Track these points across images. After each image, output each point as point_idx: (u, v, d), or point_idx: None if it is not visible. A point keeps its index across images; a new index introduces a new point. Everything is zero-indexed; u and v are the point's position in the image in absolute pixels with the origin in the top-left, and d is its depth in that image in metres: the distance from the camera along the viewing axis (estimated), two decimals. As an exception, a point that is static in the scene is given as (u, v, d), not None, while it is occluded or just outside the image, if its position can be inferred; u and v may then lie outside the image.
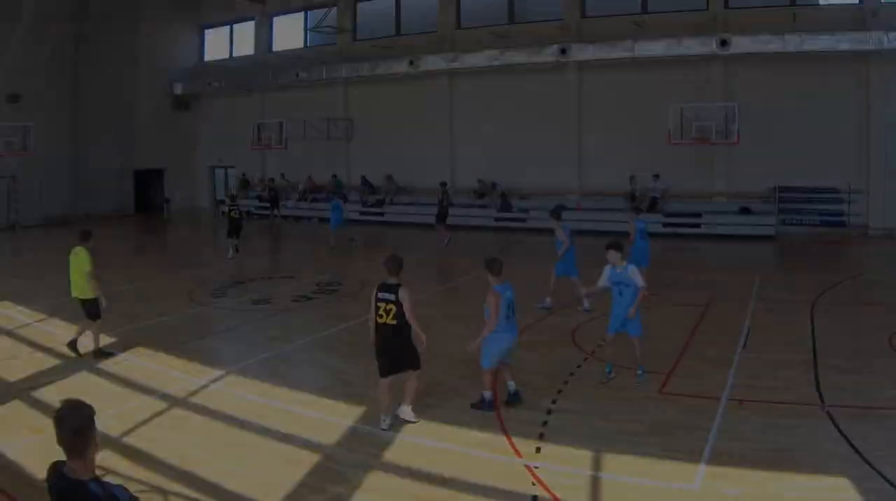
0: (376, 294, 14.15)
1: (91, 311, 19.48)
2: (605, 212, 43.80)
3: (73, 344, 19.37)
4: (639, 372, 16.58)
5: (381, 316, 14.00)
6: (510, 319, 14.68)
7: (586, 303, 23.47)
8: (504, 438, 13.78)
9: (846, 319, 22.67)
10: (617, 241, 16.59)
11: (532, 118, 47.64)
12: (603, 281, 16.67)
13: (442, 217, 40.74)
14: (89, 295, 19.33)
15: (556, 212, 25.28)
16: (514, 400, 15.23)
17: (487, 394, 14.87)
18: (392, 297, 13.87)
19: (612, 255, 16.41)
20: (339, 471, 12.57)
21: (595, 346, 19.29)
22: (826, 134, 40.75)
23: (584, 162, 46.95)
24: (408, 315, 13.85)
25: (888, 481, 11.42)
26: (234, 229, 36.64)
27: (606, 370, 16.76)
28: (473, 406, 14.87)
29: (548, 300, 24.05)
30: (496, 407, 14.90)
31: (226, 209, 39.73)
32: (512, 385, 15.18)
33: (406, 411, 14.34)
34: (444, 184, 43.89)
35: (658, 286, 25.76)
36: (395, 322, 13.86)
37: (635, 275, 16.28)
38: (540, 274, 24.91)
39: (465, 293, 28.35)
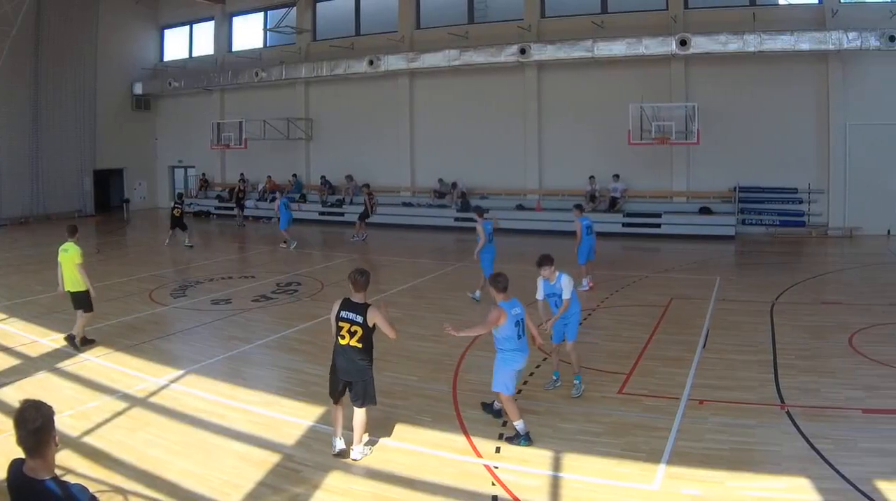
0: (339, 312, 12.78)
1: (84, 303, 19.66)
2: (565, 212, 40.07)
3: (71, 339, 19.60)
4: (576, 381, 15.77)
5: (342, 337, 12.71)
6: (521, 339, 13.55)
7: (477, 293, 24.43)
8: (464, 438, 13.64)
9: (806, 319, 22.28)
10: (545, 257, 15.80)
11: (492, 118, 47.51)
12: (539, 294, 16.05)
13: (363, 216, 40.71)
14: (82, 287, 19.56)
15: (478, 210, 25.85)
16: (494, 413, 14.60)
17: (520, 425, 13.40)
18: (359, 319, 12.56)
19: (545, 270, 15.80)
20: (298, 471, 12.41)
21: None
22: (786, 134, 40.81)
23: (544, 161, 46.59)
24: (390, 333, 12.82)
25: (847, 480, 11.39)
26: (177, 225, 38.62)
27: (554, 376, 16.30)
28: (509, 439, 13.44)
29: (478, 292, 24.56)
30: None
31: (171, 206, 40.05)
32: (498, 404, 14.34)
33: (358, 451, 12.85)
34: (367, 186, 43.00)
35: (618, 286, 26.55)
36: (359, 344, 12.62)
37: (566, 287, 15.71)
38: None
39: (425, 293, 27.61)
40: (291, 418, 14.76)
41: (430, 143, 50.13)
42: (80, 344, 19.51)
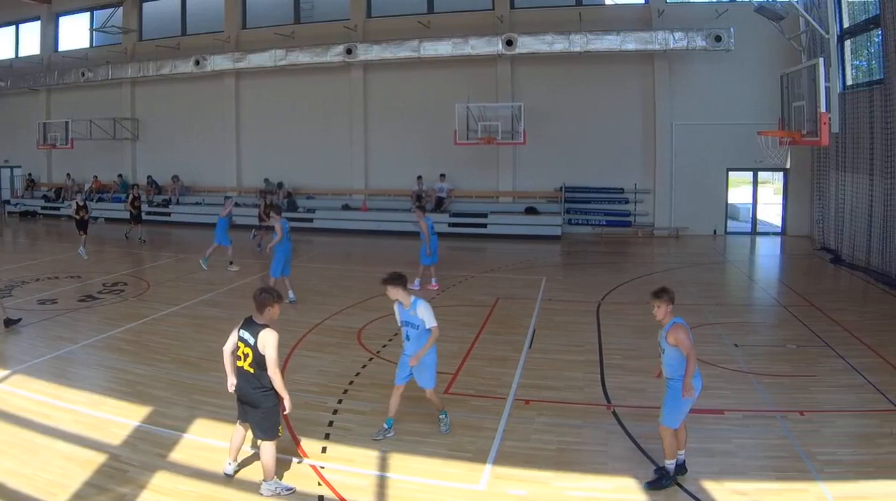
0: (238, 330, 11.17)
1: None
2: (391, 212, 42.45)
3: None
4: (441, 416, 13.31)
5: (239, 359, 11.09)
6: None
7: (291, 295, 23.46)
8: (290, 438, 12.87)
9: (632, 319, 21.55)
10: (394, 275, 12.79)
11: (319, 118, 45.74)
12: (398, 320, 13.08)
13: (134, 216, 38.72)
14: None
15: (277, 208, 25.43)
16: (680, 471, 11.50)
17: (671, 464, 11.22)
18: (251, 340, 10.82)
19: (392, 291, 12.66)
20: (125, 471, 11.67)
21: (381, 347, 18.46)
22: (613, 134, 40.21)
23: (370, 161, 44.98)
24: (270, 369, 10.74)
25: (674, 480, 11.13)
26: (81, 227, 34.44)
27: (386, 425, 13.07)
28: (651, 484, 11.09)
29: (291, 294, 23.62)
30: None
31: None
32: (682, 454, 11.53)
33: (265, 488, 11.00)
34: (135, 186, 40.80)
35: (445, 286, 25.85)
36: (251, 370, 10.90)
37: (424, 314, 12.53)
38: (323, 272, 25.85)
39: (249, 293, 25.63)
40: (117, 418, 13.83)
41: (257, 143, 48.01)
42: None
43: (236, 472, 11.55)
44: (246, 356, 10.93)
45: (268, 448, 11.01)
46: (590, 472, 11.66)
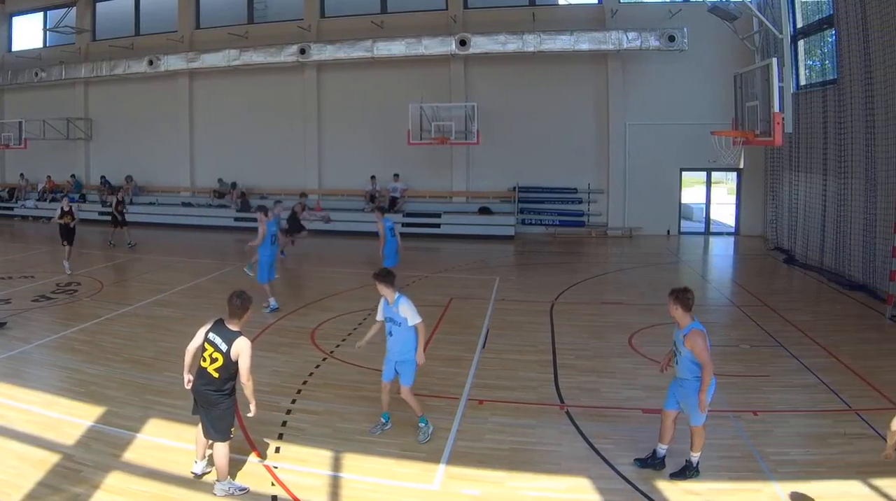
0: (207, 332, 10.89)
1: None
2: (345, 211, 41.78)
3: None
4: (421, 424, 13.10)
5: (203, 360, 10.79)
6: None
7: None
8: (243, 438, 12.81)
9: (586, 319, 21.83)
10: (382, 272, 13.51)
11: (273, 118, 45.00)
12: (378, 315, 13.46)
13: (119, 220, 37.18)
14: None
15: (263, 209, 23.75)
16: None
17: (695, 456, 11.41)
18: (224, 347, 10.63)
19: (379, 288, 13.20)
20: (78, 471, 11.52)
21: (334, 347, 18.44)
22: (567, 134, 39.96)
23: (324, 161, 44.43)
24: (244, 377, 10.70)
25: (627, 480, 11.30)
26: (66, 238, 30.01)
27: (382, 419, 13.37)
28: (674, 475, 11.44)
29: (273, 301, 22.38)
30: None
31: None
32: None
33: (219, 488, 10.96)
34: (120, 189, 40.63)
35: (398, 285, 23.75)
36: (216, 375, 10.70)
37: (407, 312, 12.89)
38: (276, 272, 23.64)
39: (205, 293, 25.79)
40: (71, 418, 13.66)
41: (211, 143, 47.18)
42: None
43: (205, 473, 11.37)
44: (214, 360, 10.70)
45: (221, 449, 10.91)
46: (543, 472, 11.65)
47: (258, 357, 16.07)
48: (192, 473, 11.37)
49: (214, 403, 10.80)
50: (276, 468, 11.79)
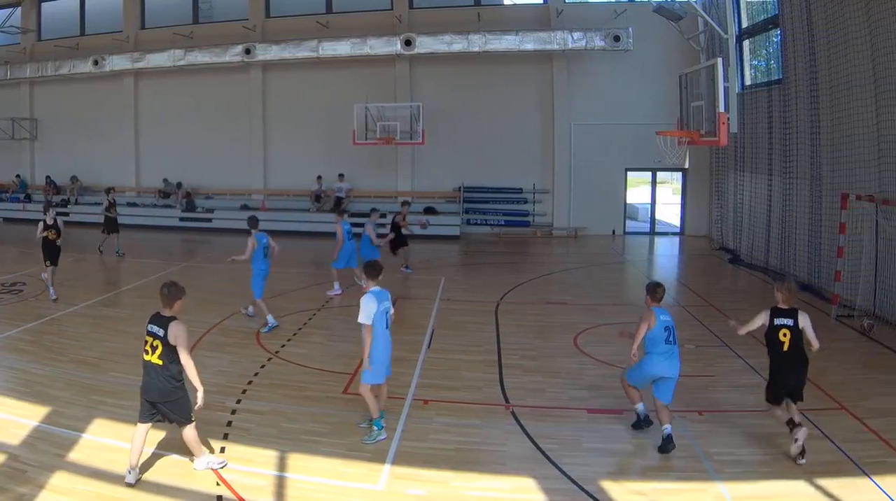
0: (147, 325, 11.27)
1: None
2: (290, 211, 41.57)
3: None
4: (373, 424, 13.07)
5: (146, 352, 11.16)
6: (670, 344, 12.37)
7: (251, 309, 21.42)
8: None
9: (531, 319, 21.74)
10: (371, 263, 13.46)
11: (218, 118, 43.96)
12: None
13: (110, 226, 35.54)
14: None
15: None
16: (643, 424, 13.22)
17: (640, 408, 13.02)
18: (161, 332, 10.97)
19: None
20: (23, 471, 11.36)
21: (279, 347, 18.29)
22: (512, 134, 39.69)
23: (269, 161, 43.66)
24: (183, 358, 11.04)
25: (572, 480, 11.23)
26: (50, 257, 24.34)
27: (376, 427, 12.89)
28: (634, 426, 13.08)
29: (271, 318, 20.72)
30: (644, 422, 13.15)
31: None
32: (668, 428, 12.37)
33: (200, 462, 11.51)
34: (111, 190, 39.26)
35: (344, 285, 25.09)
36: (160, 362, 11.03)
37: (361, 309, 12.82)
38: (222, 272, 25.42)
39: (151, 293, 24.93)
40: (16, 418, 13.47)
41: (156, 143, 46.03)
42: None
43: (138, 480, 11.15)
44: (155, 348, 11.01)
45: (189, 432, 11.30)
46: (488, 472, 11.63)
47: (204, 357, 16.35)
48: (127, 483, 11.13)
49: (169, 392, 11.07)
50: (221, 467, 11.59)
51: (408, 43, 38.16)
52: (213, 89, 44.17)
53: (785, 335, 12.03)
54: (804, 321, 11.97)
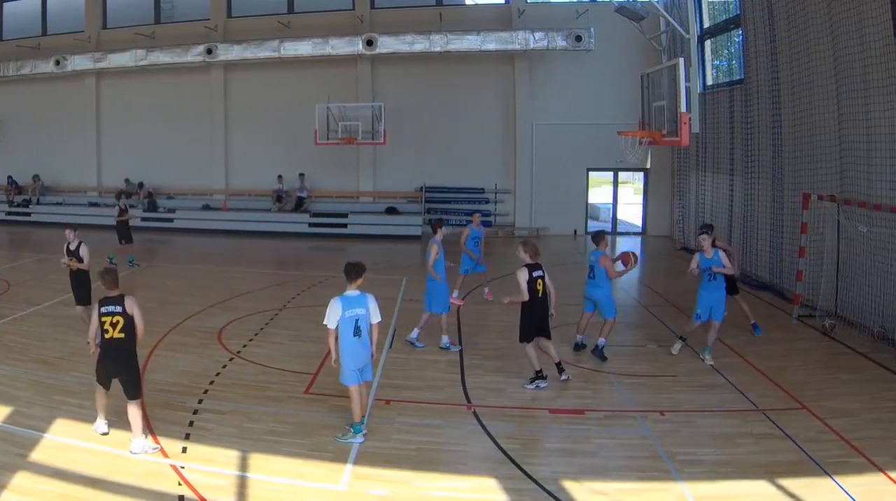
0: (99, 309, 12.22)
1: None
2: (252, 211, 41.47)
3: None
4: (352, 427, 13.22)
5: (107, 331, 12.10)
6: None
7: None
8: (150, 437, 12.61)
9: (492, 319, 21.63)
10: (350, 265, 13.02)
11: (180, 118, 43.47)
12: (376, 316, 13.37)
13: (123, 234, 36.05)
14: None
15: (438, 222, 22.36)
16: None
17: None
18: (118, 309, 12.11)
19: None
20: None
21: (241, 347, 18.27)
22: (474, 134, 39.45)
23: (231, 161, 43.21)
24: (138, 324, 12.23)
25: (534, 480, 11.24)
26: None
27: (354, 430, 13.06)
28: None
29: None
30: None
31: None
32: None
33: (138, 444, 12.06)
34: (122, 194, 38.86)
35: (305, 286, 25.70)
36: (122, 334, 12.11)
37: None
38: (183, 272, 25.69)
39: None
40: None
41: (118, 143, 45.18)
42: None
43: (106, 432, 12.25)
44: (115, 324, 11.96)
45: (135, 408, 12.04)
46: (450, 472, 11.71)
47: (165, 357, 16.86)
48: (99, 431, 12.34)
49: (129, 366, 12.17)
50: (182, 468, 11.61)
51: (369, 43, 37.64)
52: (175, 89, 43.56)
53: (539, 284, 14.94)
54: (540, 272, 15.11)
